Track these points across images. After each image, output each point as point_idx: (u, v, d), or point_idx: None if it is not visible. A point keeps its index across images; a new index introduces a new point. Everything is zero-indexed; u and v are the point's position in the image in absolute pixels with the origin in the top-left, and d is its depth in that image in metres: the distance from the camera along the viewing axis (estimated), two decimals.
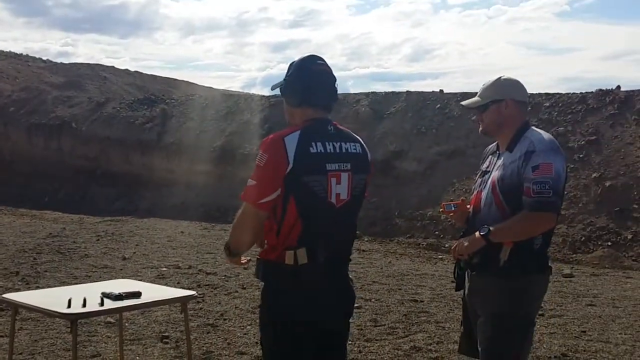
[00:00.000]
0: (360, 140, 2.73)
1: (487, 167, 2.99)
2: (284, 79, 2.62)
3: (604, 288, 7.61)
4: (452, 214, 3.07)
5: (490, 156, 3.04)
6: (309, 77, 2.57)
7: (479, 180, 3.00)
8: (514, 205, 2.75)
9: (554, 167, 2.70)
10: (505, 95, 2.91)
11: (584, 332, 5.58)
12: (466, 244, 2.84)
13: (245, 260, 2.79)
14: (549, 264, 2.91)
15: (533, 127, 2.93)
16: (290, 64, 2.63)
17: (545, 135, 2.86)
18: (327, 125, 2.60)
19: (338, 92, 2.70)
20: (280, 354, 2.54)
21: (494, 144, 3.05)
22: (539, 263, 2.84)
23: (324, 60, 2.63)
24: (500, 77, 2.98)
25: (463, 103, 3.12)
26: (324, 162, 2.50)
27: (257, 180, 2.44)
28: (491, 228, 2.74)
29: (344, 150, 2.58)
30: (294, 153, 2.42)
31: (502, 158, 2.88)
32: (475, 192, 3.00)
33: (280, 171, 2.42)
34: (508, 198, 2.78)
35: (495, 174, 2.86)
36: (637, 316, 6.20)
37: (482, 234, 2.76)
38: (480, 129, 3.01)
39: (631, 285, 7.84)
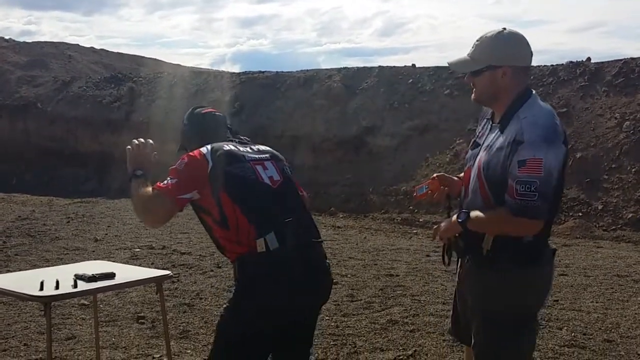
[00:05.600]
0: None
1: (479, 136, 2.59)
2: (181, 134, 2.85)
3: (576, 258, 7.75)
4: (424, 197, 2.78)
5: (485, 120, 2.62)
6: (201, 120, 2.80)
7: (470, 152, 2.61)
8: (501, 199, 2.35)
9: (544, 164, 2.24)
10: (503, 61, 2.41)
11: (557, 301, 5.67)
12: (444, 227, 2.58)
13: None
14: (546, 255, 2.50)
15: (533, 100, 2.45)
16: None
17: (542, 117, 2.35)
18: (231, 140, 2.73)
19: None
20: (243, 349, 2.47)
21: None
22: (530, 254, 2.43)
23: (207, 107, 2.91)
24: (502, 32, 2.44)
25: (450, 63, 2.60)
26: (241, 154, 2.60)
27: (178, 179, 2.50)
28: (471, 214, 2.42)
29: (256, 149, 2.71)
30: (210, 155, 2.53)
31: (493, 135, 2.47)
32: (466, 168, 2.61)
33: (201, 171, 2.49)
34: (494, 190, 2.39)
35: (482, 155, 2.46)
36: (607, 285, 6.34)
37: (459, 220, 2.45)
38: (473, 96, 2.56)
39: (601, 254, 8.00)
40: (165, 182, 2.50)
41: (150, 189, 2.54)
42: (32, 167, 17.33)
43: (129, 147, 2.73)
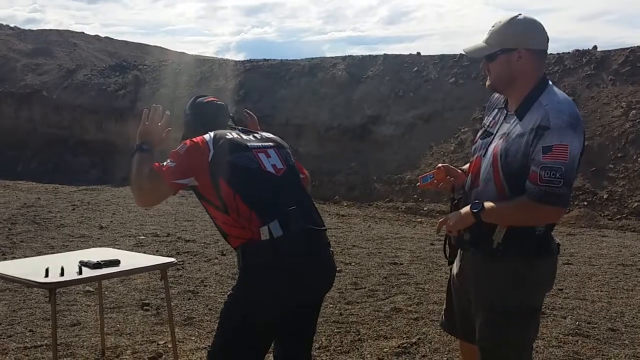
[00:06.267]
0: None
1: (491, 125, 2.50)
2: (184, 124, 2.82)
3: (580, 247, 7.74)
4: (429, 185, 2.68)
5: (496, 110, 2.53)
6: (203, 109, 2.80)
7: (480, 141, 2.51)
8: (516, 189, 2.29)
9: (569, 150, 2.19)
10: (518, 43, 2.34)
11: (561, 290, 5.67)
12: (453, 220, 2.44)
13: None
14: (553, 246, 2.45)
15: (551, 88, 2.36)
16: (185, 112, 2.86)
17: (565, 104, 2.29)
18: (234, 129, 2.72)
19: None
20: (245, 336, 2.46)
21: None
22: (540, 246, 2.39)
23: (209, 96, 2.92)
24: (516, 17, 2.39)
25: (465, 50, 2.52)
26: (245, 143, 2.57)
27: (177, 162, 2.46)
28: (485, 205, 2.33)
29: (259, 137, 2.69)
30: (212, 142, 2.50)
31: (510, 123, 2.38)
32: (474, 157, 2.51)
33: (202, 158, 2.46)
34: (510, 180, 2.31)
35: (498, 143, 2.37)
36: (612, 274, 6.33)
37: (473, 210, 2.35)
38: (488, 82, 2.48)
39: (606, 244, 7.99)
40: (165, 163, 2.47)
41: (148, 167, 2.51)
42: (37, 154, 17.38)
43: (145, 109, 2.69)
